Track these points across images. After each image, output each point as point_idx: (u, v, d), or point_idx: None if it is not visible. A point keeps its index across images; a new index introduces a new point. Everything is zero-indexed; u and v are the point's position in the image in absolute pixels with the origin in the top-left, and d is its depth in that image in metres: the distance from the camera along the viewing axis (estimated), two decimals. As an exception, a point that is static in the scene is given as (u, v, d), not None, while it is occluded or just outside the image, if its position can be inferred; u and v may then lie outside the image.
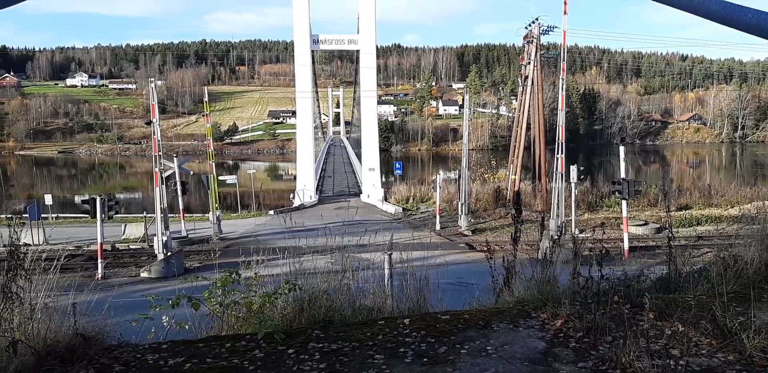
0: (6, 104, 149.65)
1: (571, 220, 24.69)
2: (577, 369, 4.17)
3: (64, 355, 4.60)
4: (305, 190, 41.37)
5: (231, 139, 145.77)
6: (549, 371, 4.14)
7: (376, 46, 44.12)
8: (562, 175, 22.21)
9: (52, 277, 5.59)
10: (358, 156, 54.75)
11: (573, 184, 24.56)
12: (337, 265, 7.75)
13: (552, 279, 6.22)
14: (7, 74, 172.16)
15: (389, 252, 9.49)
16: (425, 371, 4.25)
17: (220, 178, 32.00)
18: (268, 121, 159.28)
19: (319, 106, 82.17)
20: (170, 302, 6.04)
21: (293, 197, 42.21)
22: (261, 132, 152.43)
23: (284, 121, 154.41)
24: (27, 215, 23.41)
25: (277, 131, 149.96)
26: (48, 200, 29.63)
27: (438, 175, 33.02)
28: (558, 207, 21.71)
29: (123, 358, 4.69)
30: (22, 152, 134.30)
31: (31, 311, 4.98)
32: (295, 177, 50.49)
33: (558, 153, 22.40)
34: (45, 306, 5.12)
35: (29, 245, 5.41)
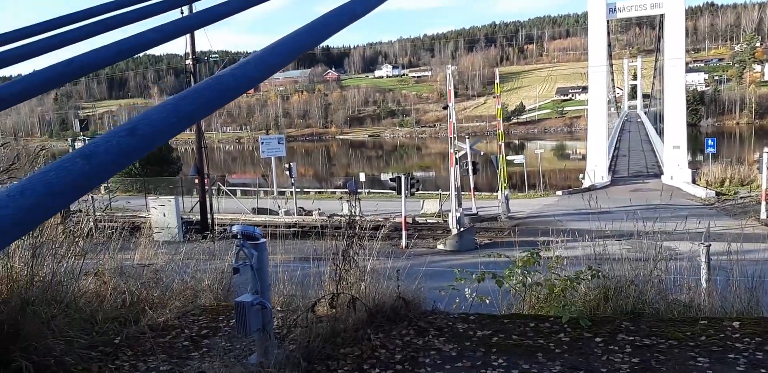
0: (329, 96, 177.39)
1: None
2: None
3: (389, 315, 5.29)
4: (596, 170, 39.18)
5: (517, 118, 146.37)
6: None
7: (685, 8, 38.77)
8: None
9: (375, 244, 6.44)
10: (659, 132, 49.37)
11: None
12: (634, 252, 7.17)
13: None
14: (329, 70, 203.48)
15: (707, 243, 8.35)
16: (764, 385, 3.67)
17: (508, 158, 32.49)
18: (555, 98, 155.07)
19: (612, 80, 76.39)
20: (474, 276, 6.40)
21: (582, 178, 40.42)
22: (548, 110, 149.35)
23: (573, 97, 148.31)
24: (346, 190, 27.53)
25: (564, 109, 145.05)
26: (362, 177, 34.37)
27: (765, 154, 27.67)
28: None
29: (437, 323, 5.18)
30: (341, 137, 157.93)
31: (362, 274, 5.85)
32: (584, 156, 48.16)
33: None
34: (372, 270, 5.94)
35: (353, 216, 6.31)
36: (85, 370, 3.91)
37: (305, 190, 39.72)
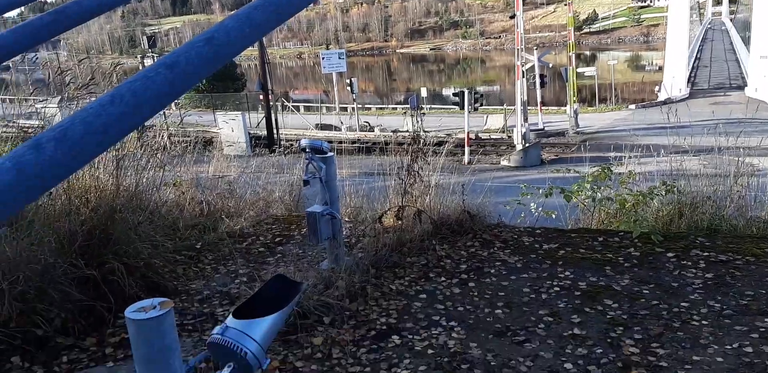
0: (389, 8, 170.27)
1: None
2: None
3: (454, 227, 5.35)
4: (673, 82, 36.61)
5: (590, 28, 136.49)
6: None
7: None
8: None
9: (438, 160, 6.40)
10: (745, 41, 44.96)
11: None
12: (712, 168, 6.82)
13: None
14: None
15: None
16: None
17: (578, 70, 30.76)
18: (632, 5, 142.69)
19: (697, -17, 68.87)
20: (541, 191, 6.31)
21: (658, 90, 37.97)
22: (623, 18, 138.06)
23: (651, 4, 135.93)
24: (408, 106, 27.15)
25: (641, 16, 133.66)
26: (423, 92, 33.61)
27: None
28: None
29: (502, 236, 5.21)
30: (401, 50, 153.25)
31: (426, 188, 5.87)
32: (660, 68, 44.92)
33: None
34: (436, 184, 5.96)
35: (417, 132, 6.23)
36: (171, 272, 4.23)
37: (366, 106, 39.50)
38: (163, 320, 1.72)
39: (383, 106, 43.42)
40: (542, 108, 25.98)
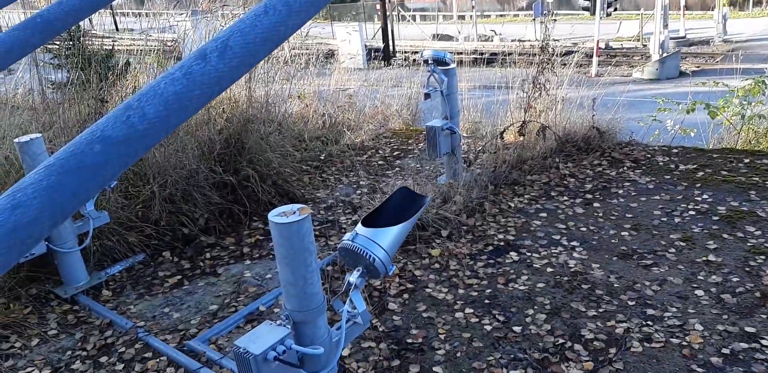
0: None
1: None
2: None
3: (580, 144, 5.08)
4: None
5: None
6: None
7: None
8: None
9: (565, 72, 5.97)
10: None
11: None
12: None
13: None
14: None
15: None
16: None
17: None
18: None
19: None
20: (679, 106, 5.78)
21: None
22: None
23: None
24: (532, 12, 25.23)
25: None
26: (549, -3, 30.88)
27: None
28: None
29: (633, 155, 4.88)
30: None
31: (551, 102, 5.56)
32: None
33: None
34: (563, 98, 5.61)
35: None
36: (299, 180, 4.47)
37: (485, 13, 37.25)
38: (302, 224, 1.82)
39: (504, 13, 40.72)
40: (685, 12, 23.05)
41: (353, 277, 2.04)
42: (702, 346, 2.47)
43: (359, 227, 2.23)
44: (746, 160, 4.54)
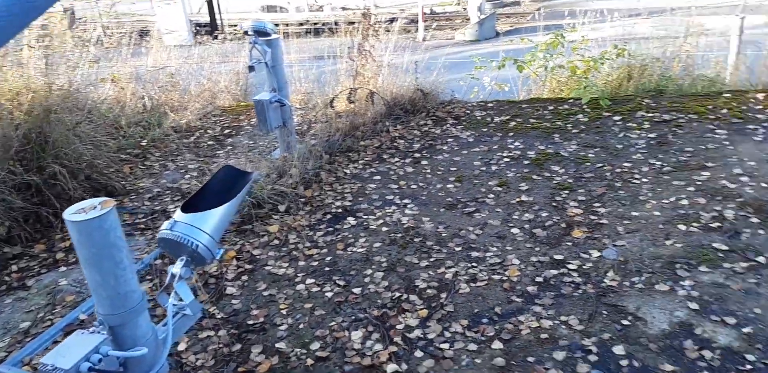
0: None
1: None
2: None
3: (407, 107, 5.27)
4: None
5: None
6: None
7: None
8: None
9: (390, 38, 6.12)
10: None
11: None
12: (663, 30, 6.74)
13: None
14: None
15: (742, 15, 7.74)
16: (779, 153, 3.72)
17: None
18: None
19: None
20: (493, 63, 6.18)
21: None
22: None
23: None
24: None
25: None
26: (372, -37, 31.19)
27: None
28: None
29: (455, 113, 5.18)
30: None
31: (378, 68, 5.68)
32: None
33: None
34: (389, 64, 5.76)
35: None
36: (117, 171, 4.14)
37: (313, -18, 36.67)
38: (105, 219, 1.68)
39: (331, -19, 40.33)
40: (498, -26, 24.58)
41: (176, 267, 1.95)
42: (519, 278, 2.74)
43: (177, 214, 2.12)
44: (551, 108, 5.02)
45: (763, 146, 3.85)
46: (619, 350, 2.23)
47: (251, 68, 4.17)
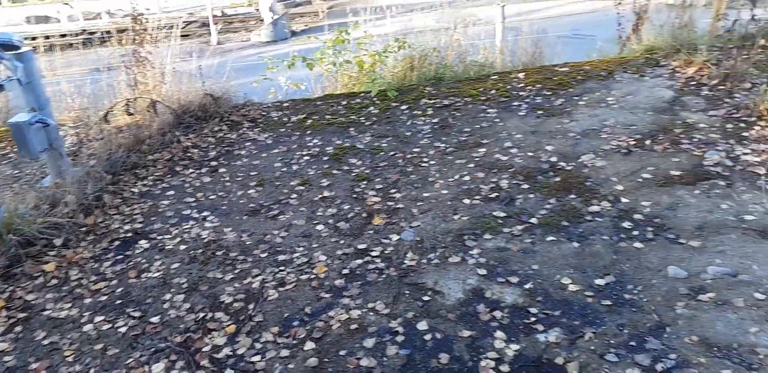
0: None
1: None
2: (707, 117, 3.91)
3: (198, 114, 5.01)
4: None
5: None
6: (675, 120, 3.92)
7: None
8: None
9: (174, 43, 5.77)
10: None
11: None
12: (443, 22, 7.31)
13: (690, 24, 5.49)
14: None
15: (502, 3, 8.70)
16: (540, 123, 4.20)
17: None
18: None
19: None
20: (285, 63, 6.14)
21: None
22: None
23: None
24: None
25: None
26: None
27: None
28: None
29: (250, 115, 5.05)
30: None
31: (162, 75, 5.32)
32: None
33: None
34: (173, 70, 5.42)
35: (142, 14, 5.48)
36: None
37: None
38: None
39: (108, -13, 37.12)
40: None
41: None
42: (327, 274, 2.74)
43: None
44: (344, 103, 5.13)
45: (527, 120, 4.32)
46: (422, 325, 2.33)
47: (1, 87, 3.64)
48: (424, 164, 3.78)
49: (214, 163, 4.14)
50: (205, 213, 3.44)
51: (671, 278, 2.44)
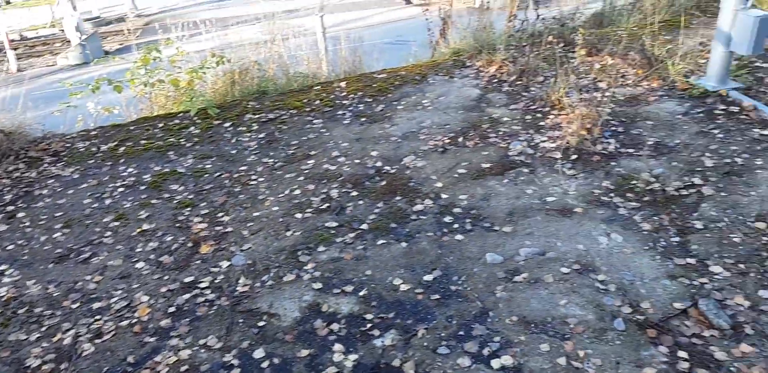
0: None
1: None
2: (509, 111, 4.25)
3: (-12, 154, 4.41)
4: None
5: None
6: (482, 116, 4.22)
7: None
8: None
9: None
10: None
11: None
12: (267, 35, 7.21)
13: (488, 26, 5.97)
14: None
15: (321, 13, 8.82)
16: (364, 130, 4.28)
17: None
18: None
19: None
20: (89, 87, 5.64)
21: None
22: None
23: None
24: None
25: None
26: None
27: None
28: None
29: (52, 149, 4.53)
30: None
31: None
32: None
33: None
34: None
35: None
36: None
37: None
38: None
39: None
40: (90, -9, 22.83)
41: None
42: (150, 315, 2.52)
43: None
44: (161, 125, 4.81)
45: (351, 128, 4.38)
46: (259, 353, 2.23)
47: None
48: (252, 182, 3.66)
49: (10, 207, 3.64)
50: (2, 267, 3.00)
51: (490, 264, 2.59)
